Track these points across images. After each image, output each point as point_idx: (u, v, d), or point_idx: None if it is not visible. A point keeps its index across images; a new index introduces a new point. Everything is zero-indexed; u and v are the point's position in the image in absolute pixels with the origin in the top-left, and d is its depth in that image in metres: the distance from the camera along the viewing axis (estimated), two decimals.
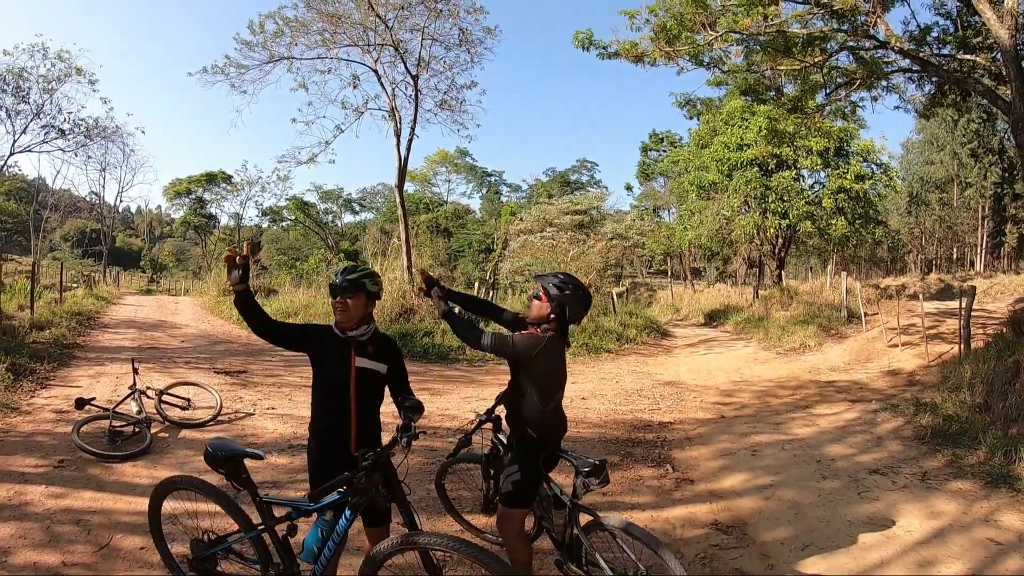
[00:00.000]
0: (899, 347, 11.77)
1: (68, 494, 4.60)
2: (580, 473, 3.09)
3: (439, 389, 9.14)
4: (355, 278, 3.06)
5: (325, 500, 2.75)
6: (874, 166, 24.18)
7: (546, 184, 55.85)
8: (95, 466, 5.22)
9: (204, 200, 57.78)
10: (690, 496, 5.09)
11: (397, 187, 18.07)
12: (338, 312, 3.05)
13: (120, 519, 4.25)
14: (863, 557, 4.05)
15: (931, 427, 6.91)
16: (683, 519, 4.57)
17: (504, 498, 3.20)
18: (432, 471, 5.01)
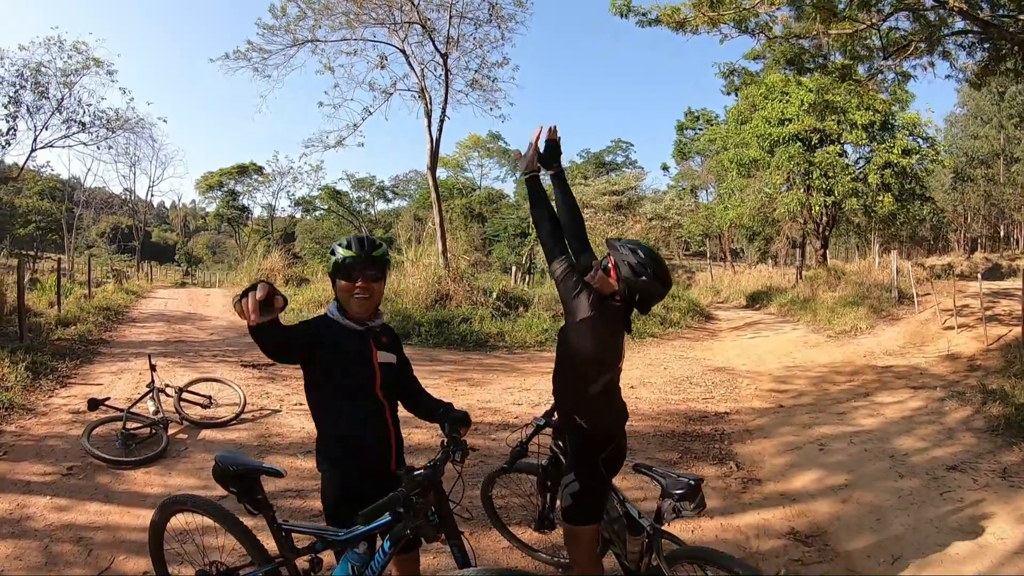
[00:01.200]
0: (955, 329, 11.12)
1: (72, 507, 4.22)
2: (669, 495, 2.58)
3: (478, 379, 8.85)
4: (382, 253, 2.48)
5: (359, 529, 2.22)
6: (920, 140, 22.74)
7: (581, 166, 54.73)
8: (105, 474, 4.80)
9: (236, 192, 57.22)
10: (760, 499, 4.75)
11: (430, 170, 17.38)
12: (358, 299, 2.43)
13: (125, 537, 3.85)
14: (958, 570, 3.68)
15: (1004, 417, 6.44)
16: (756, 527, 4.23)
17: (566, 514, 2.71)
18: (473, 473, 4.70)
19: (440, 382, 8.31)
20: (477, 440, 5.82)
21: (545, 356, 11.25)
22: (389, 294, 13.60)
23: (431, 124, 17.15)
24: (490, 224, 48.20)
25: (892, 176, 21.39)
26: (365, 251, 2.42)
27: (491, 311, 13.39)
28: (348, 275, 2.41)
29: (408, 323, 12.22)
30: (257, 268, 20.69)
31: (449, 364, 9.88)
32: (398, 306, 13.28)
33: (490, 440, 5.82)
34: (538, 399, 7.58)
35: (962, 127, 41.24)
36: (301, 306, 14.53)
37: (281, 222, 60.12)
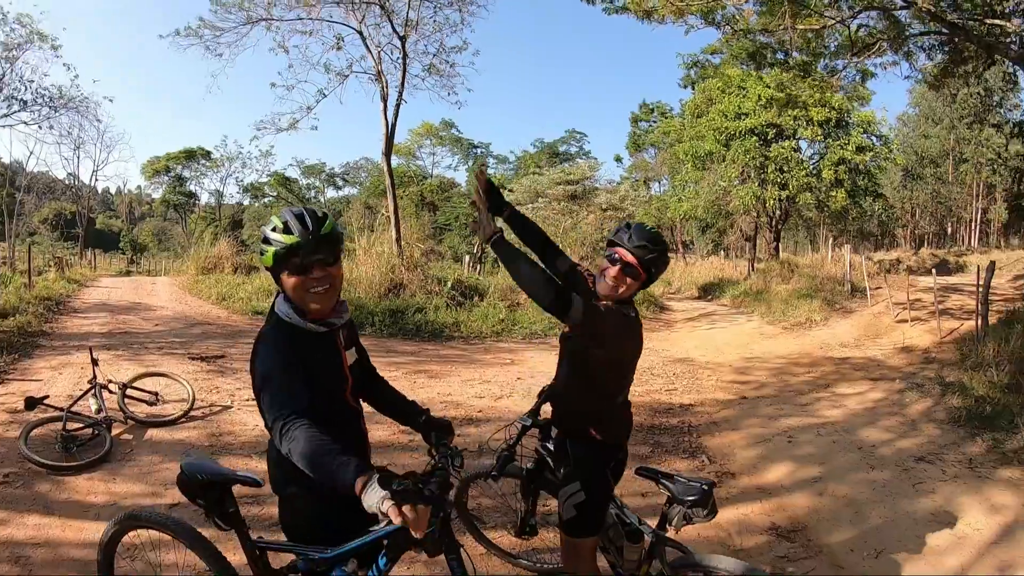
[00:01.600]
0: (908, 323, 11.49)
1: (10, 520, 3.86)
2: (680, 502, 2.44)
3: (437, 371, 8.62)
4: (332, 227, 1.99)
5: (349, 545, 1.96)
6: (874, 138, 23.80)
7: (534, 155, 55.06)
8: (45, 481, 4.43)
9: (183, 178, 56.51)
10: (736, 494, 4.71)
11: (384, 155, 17.14)
12: (317, 295, 1.96)
13: (67, 554, 3.52)
14: (941, 563, 3.71)
15: (964, 409, 6.64)
16: (737, 523, 4.18)
17: (568, 526, 2.56)
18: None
19: (398, 374, 8.05)
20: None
21: (502, 347, 11.10)
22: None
23: (387, 109, 16.82)
24: (441, 213, 48.05)
25: (845, 172, 22.22)
26: (311, 231, 1.92)
27: (446, 301, 13.22)
28: (296, 267, 1.92)
29: (362, 313, 11.99)
30: (204, 256, 19.92)
31: (406, 356, 9.62)
32: (351, 295, 12.95)
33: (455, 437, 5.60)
34: (500, 391, 7.43)
35: (914, 127, 43.47)
36: (250, 295, 13.99)
37: (229, 209, 58.94)
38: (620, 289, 2.45)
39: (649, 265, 2.44)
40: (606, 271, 2.46)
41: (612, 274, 2.43)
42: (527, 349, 10.92)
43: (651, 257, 2.42)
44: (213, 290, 15.66)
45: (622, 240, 2.43)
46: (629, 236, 2.42)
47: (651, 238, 2.43)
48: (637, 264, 2.41)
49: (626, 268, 2.42)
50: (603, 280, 2.47)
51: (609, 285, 2.45)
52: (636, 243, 2.40)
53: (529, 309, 13.65)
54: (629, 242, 2.41)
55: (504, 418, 6.25)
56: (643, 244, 2.40)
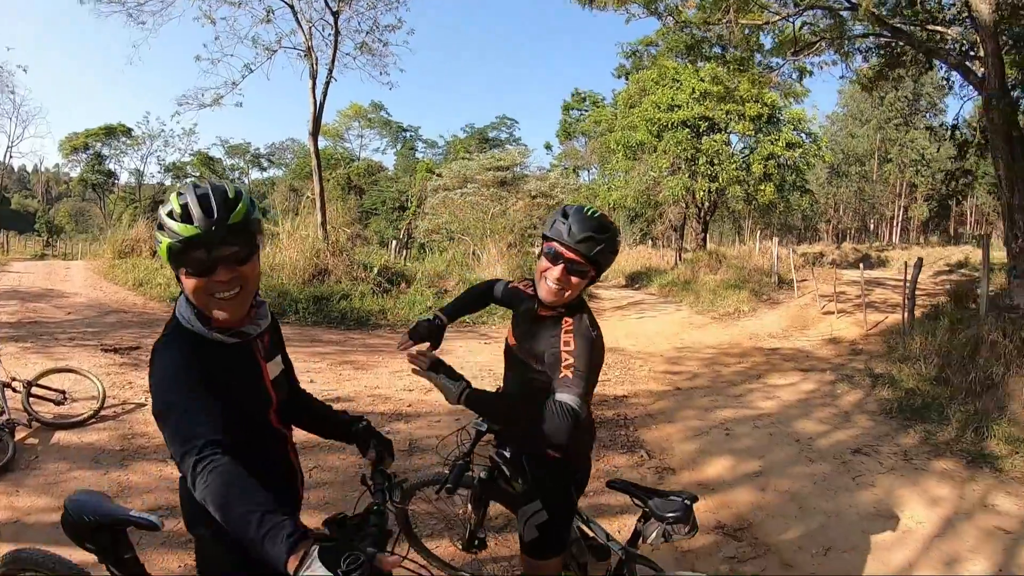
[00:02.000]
0: (835, 314, 11.86)
1: None
2: (660, 518, 2.23)
3: (363, 362, 8.17)
4: (244, 212, 1.55)
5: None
6: (804, 135, 24.86)
7: (464, 141, 54.74)
8: None
9: (103, 156, 53.75)
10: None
11: (311, 135, 16.46)
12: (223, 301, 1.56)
13: None
14: (889, 559, 3.67)
15: (896, 401, 6.81)
16: None
17: (529, 548, 2.34)
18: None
19: (323, 365, 7.56)
20: None
21: None
22: (263, 268, 12.60)
23: (315, 87, 16.09)
24: (368, 197, 47.24)
25: (775, 167, 23.04)
26: (216, 219, 1.49)
27: (372, 287, 12.78)
28: (197, 265, 1.51)
29: (285, 300, 11.52)
30: (122, 239, 18.59)
31: (330, 345, 9.11)
32: (274, 282, 12.32)
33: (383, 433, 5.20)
34: (430, 384, 7.05)
35: (842, 126, 45.82)
36: (169, 279, 13.04)
37: (150, 189, 56.69)
38: (567, 292, 2.09)
39: (597, 258, 2.08)
40: (547, 272, 2.09)
41: (555, 276, 2.06)
42: (455, 338, 10.59)
43: (599, 249, 2.06)
44: (130, 275, 14.61)
45: (560, 236, 2.05)
46: (569, 229, 2.04)
47: (596, 226, 2.06)
48: (584, 260, 2.06)
49: (571, 266, 2.06)
50: (544, 283, 2.10)
51: (552, 289, 2.08)
52: (579, 237, 2.03)
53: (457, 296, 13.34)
54: (570, 237, 2.03)
55: (435, 413, 5.92)
56: (587, 236, 2.03)
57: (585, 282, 2.12)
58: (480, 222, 19.24)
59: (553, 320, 2.15)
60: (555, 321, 2.14)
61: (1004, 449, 5.49)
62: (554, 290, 2.08)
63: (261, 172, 63.36)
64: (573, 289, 2.09)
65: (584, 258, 2.05)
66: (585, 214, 2.08)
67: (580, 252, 2.03)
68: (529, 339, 2.24)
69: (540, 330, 2.20)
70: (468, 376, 3.02)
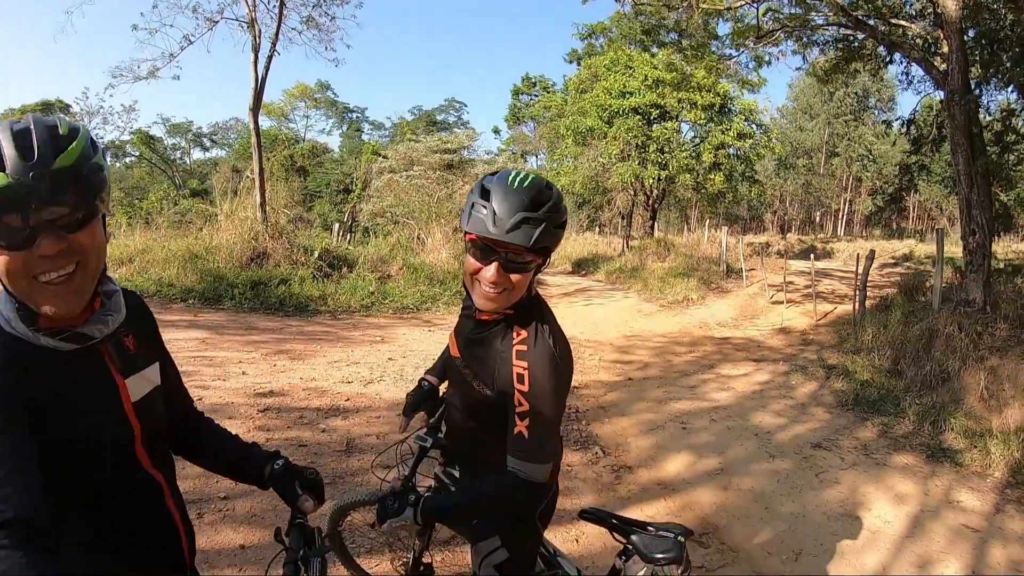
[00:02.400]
0: (784, 304, 11.92)
1: None
2: (648, 559, 1.82)
3: (300, 351, 7.66)
4: (75, 159, 1.08)
5: None
6: (755, 126, 25.31)
7: (411, 123, 54.19)
8: None
9: None
10: (637, 492, 4.31)
11: (252, 112, 15.57)
12: (49, 285, 1.08)
13: None
14: (861, 563, 3.53)
15: (851, 393, 6.80)
16: None
17: None
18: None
19: (257, 355, 7.03)
20: (304, 432, 4.75)
21: (371, 323, 10.25)
22: (199, 251, 11.98)
23: (258, 61, 15.19)
24: (312, 179, 46.35)
25: (725, 157, 23.36)
26: (37, 162, 1.04)
27: (312, 271, 12.21)
28: (9, 234, 1.04)
29: (220, 284, 10.80)
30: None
31: (266, 333, 8.54)
32: (210, 266, 11.60)
33: (319, 432, 4.78)
34: (370, 375, 6.63)
35: (791, 119, 46.86)
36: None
37: None
38: (509, 295, 1.61)
39: (541, 243, 1.54)
40: (480, 275, 1.59)
41: (490, 278, 1.57)
42: (398, 325, 10.17)
43: (541, 232, 1.53)
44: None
45: (484, 229, 1.53)
46: (493, 216, 1.52)
47: (530, 202, 1.53)
48: (524, 250, 1.55)
49: (508, 262, 1.57)
50: (478, 287, 1.61)
51: (490, 295, 1.60)
52: (509, 224, 1.51)
53: (400, 281, 12.91)
54: (497, 227, 1.51)
55: (375, 408, 5.51)
56: (521, 220, 1.51)
57: (530, 275, 1.63)
58: (426, 205, 18.81)
59: (500, 330, 1.69)
60: (503, 332, 1.68)
61: (962, 443, 5.49)
62: (492, 295, 1.59)
63: (204, 152, 61.87)
64: (516, 288, 1.61)
65: (527, 248, 1.54)
66: (511, 187, 1.55)
67: (518, 241, 1.51)
68: (473, 354, 1.76)
69: (484, 343, 1.72)
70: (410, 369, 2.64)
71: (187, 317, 8.87)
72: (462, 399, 1.83)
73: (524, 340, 1.63)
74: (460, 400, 1.85)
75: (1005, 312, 7.09)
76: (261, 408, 5.10)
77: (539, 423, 1.58)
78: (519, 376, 1.58)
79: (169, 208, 20.38)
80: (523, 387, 1.57)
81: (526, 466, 1.58)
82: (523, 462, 1.59)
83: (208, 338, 7.61)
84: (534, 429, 1.57)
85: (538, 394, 1.57)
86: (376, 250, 14.79)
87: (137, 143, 51.50)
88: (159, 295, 10.18)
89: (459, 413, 1.87)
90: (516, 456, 1.59)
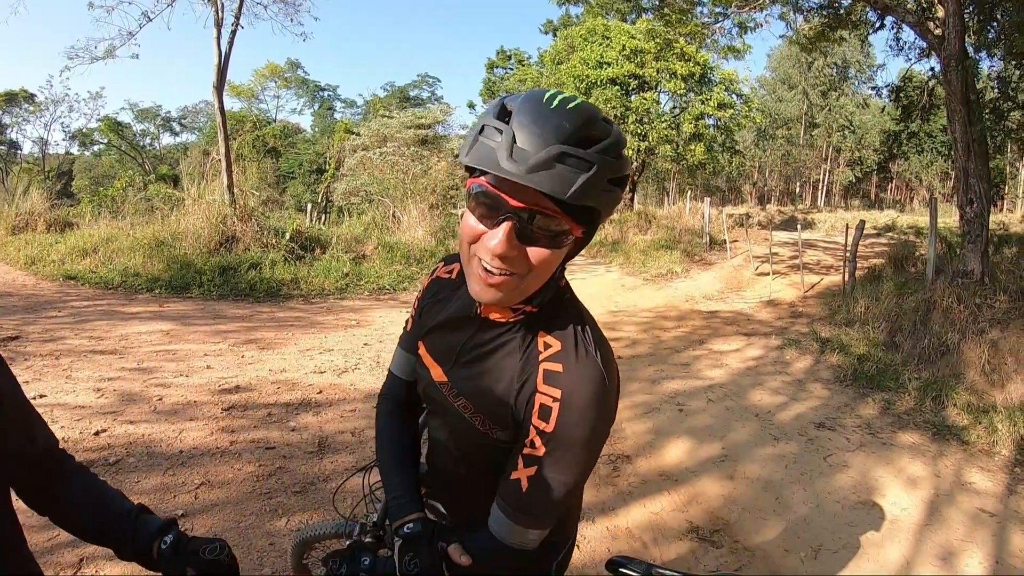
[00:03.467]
0: (770, 275, 11.73)
1: None
2: None
3: (270, 340, 7.22)
4: None
5: None
6: (735, 96, 25.09)
7: (384, 100, 53.31)
8: None
9: (3, 124, 49.30)
10: (638, 484, 4.03)
11: (215, 89, 14.78)
12: None
13: None
14: (884, 558, 3.29)
15: (849, 368, 6.60)
16: (648, 527, 3.48)
17: None
18: (276, 505, 3.38)
19: (224, 347, 6.60)
20: (272, 432, 4.33)
21: (345, 306, 9.84)
22: (165, 237, 11.52)
23: (220, 36, 14.44)
24: (284, 160, 45.83)
25: (705, 127, 23.28)
26: None
27: (284, 254, 11.76)
28: None
29: (188, 272, 10.36)
30: (15, 213, 16.51)
31: (235, 321, 8.09)
32: (176, 252, 11.10)
33: (288, 431, 4.41)
34: (344, 363, 6.26)
35: (769, 90, 46.90)
36: (63, 256, 11.52)
37: (55, 159, 52.68)
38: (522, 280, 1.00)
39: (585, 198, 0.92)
40: (480, 243, 0.99)
41: (494, 247, 0.96)
42: (374, 307, 9.79)
43: (587, 180, 0.91)
44: (22, 252, 12.86)
45: (494, 159, 0.92)
46: (511, 143, 0.91)
47: (578, 130, 0.92)
48: (555, 207, 0.95)
49: (525, 228, 0.96)
50: (476, 265, 1.01)
51: (491, 278, 0.99)
52: (544, 154, 0.89)
53: (376, 261, 12.51)
54: (517, 158, 0.90)
55: (349, 400, 5.15)
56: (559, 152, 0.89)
57: (563, 253, 1.02)
58: (400, 183, 18.36)
59: (517, 338, 1.12)
60: (522, 341, 1.12)
61: (966, 419, 5.32)
62: (493, 279, 0.99)
63: (174, 137, 60.55)
64: (535, 271, 1.00)
65: (556, 201, 0.94)
66: (547, 106, 0.94)
67: (544, 189, 0.90)
68: (472, 379, 1.16)
69: (490, 358, 1.14)
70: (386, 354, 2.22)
71: (152, 308, 8.40)
72: (455, 440, 1.26)
73: (558, 355, 1.06)
74: (452, 440, 1.27)
75: (1004, 284, 6.91)
76: (226, 407, 4.71)
77: (552, 479, 1.06)
78: (543, 409, 1.05)
79: (135, 195, 19.71)
80: (546, 425, 1.04)
81: (506, 526, 1.10)
82: (507, 520, 1.10)
83: (173, 330, 7.17)
84: (539, 485, 1.06)
85: (565, 441, 1.04)
86: (350, 230, 14.38)
87: (105, 130, 50.30)
88: (124, 286, 9.70)
89: (450, 458, 1.30)
90: (502, 509, 1.11)
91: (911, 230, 18.90)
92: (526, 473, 1.06)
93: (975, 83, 8.25)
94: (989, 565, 3.29)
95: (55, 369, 5.38)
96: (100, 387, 4.92)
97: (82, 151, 55.06)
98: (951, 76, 7.62)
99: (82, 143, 53.17)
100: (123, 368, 5.49)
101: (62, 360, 5.65)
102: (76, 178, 52.10)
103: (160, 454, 3.83)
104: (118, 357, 5.83)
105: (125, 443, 3.93)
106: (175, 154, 54.72)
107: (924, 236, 11.95)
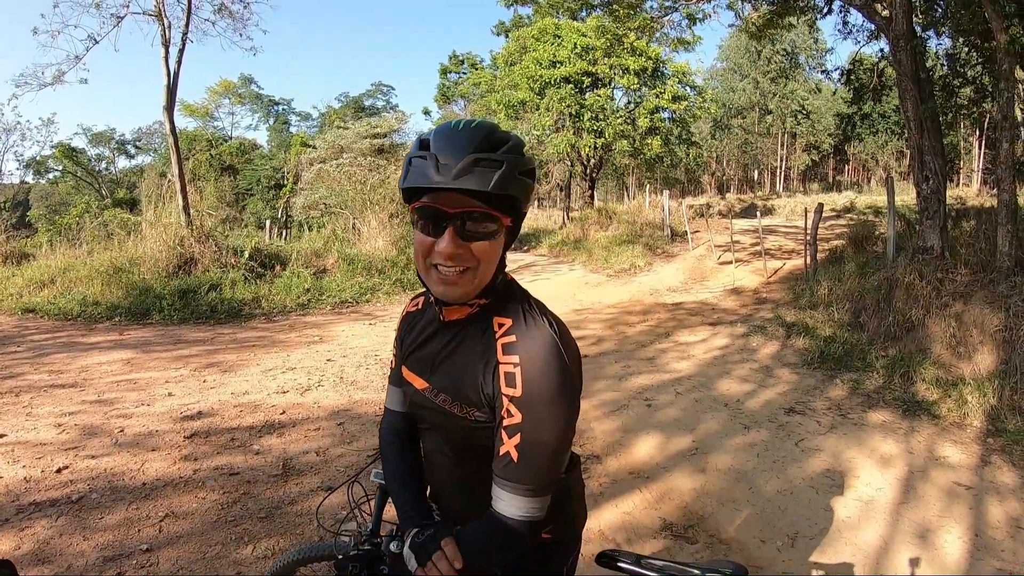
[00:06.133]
0: (732, 264, 11.82)
1: None
2: None
3: (232, 362, 6.95)
4: None
5: None
6: (689, 88, 25.39)
7: (339, 111, 52.95)
8: None
9: None
10: (608, 483, 3.94)
11: (166, 110, 14.48)
12: None
13: None
14: (861, 540, 3.24)
15: (815, 351, 6.63)
16: (621, 527, 3.39)
17: None
18: (241, 532, 3.22)
19: (185, 372, 6.33)
20: (235, 457, 4.15)
21: (308, 322, 9.63)
22: (123, 263, 11.18)
23: (168, 55, 14.13)
24: (242, 177, 45.16)
25: (660, 121, 23.62)
26: None
27: (244, 273, 11.51)
28: None
29: (147, 297, 10.08)
30: None
31: (196, 345, 7.80)
32: (134, 278, 10.79)
33: (252, 455, 4.21)
34: (307, 380, 6.05)
35: (721, 80, 47.61)
36: (21, 289, 11.04)
37: (9, 189, 51.10)
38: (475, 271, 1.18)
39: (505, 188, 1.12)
40: (433, 252, 1.17)
41: (445, 250, 1.15)
42: (336, 321, 9.59)
43: (501, 175, 1.11)
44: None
45: (427, 177, 1.12)
46: (436, 162, 1.11)
47: (485, 139, 1.14)
48: (483, 204, 1.15)
49: (464, 228, 1.16)
50: (433, 273, 1.19)
51: (450, 277, 1.17)
52: (458, 166, 1.10)
53: (337, 275, 12.30)
54: (442, 172, 1.10)
55: (313, 419, 4.96)
56: (473, 160, 1.10)
57: (500, 243, 1.21)
58: (359, 193, 18.15)
59: (477, 326, 1.26)
60: (481, 328, 1.25)
61: (935, 393, 5.37)
62: (452, 277, 1.17)
63: (129, 160, 59.26)
64: (483, 262, 1.18)
65: (482, 199, 1.14)
66: (455, 129, 1.16)
67: (470, 187, 1.10)
68: (447, 373, 1.29)
69: (459, 351, 1.28)
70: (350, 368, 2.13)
71: (112, 337, 8.09)
72: (447, 439, 1.34)
73: (510, 329, 1.21)
74: (445, 442, 1.35)
75: (965, 258, 7.00)
76: (187, 434, 4.51)
77: (537, 442, 1.13)
78: (508, 376, 1.16)
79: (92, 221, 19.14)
80: (514, 391, 1.14)
81: (514, 500, 1.14)
82: (510, 494, 1.15)
83: (134, 358, 6.89)
84: (528, 451, 1.13)
85: (536, 399, 1.13)
86: (310, 244, 14.16)
87: (59, 157, 49.27)
88: (84, 315, 9.40)
89: (448, 459, 1.37)
90: (501, 486, 1.16)
91: (870, 210, 19.27)
92: (512, 444, 1.15)
93: (924, 62, 8.39)
94: (968, 539, 3.27)
95: (15, 407, 5.12)
96: (61, 422, 4.70)
97: (37, 179, 53.96)
98: (901, 56, 7.73)
99: (37, 171, 52.01)
100: (83, 401, 5.27)
101: (22, 397, 5.39)
102: (32, 207, 51.22)
103: (123, 488, 3.65)
104: (79, 390, 5.60)
105: (87, 478, 3.75)
106: (132, 177, 54.28)
107: (883, 215, 12.16)
